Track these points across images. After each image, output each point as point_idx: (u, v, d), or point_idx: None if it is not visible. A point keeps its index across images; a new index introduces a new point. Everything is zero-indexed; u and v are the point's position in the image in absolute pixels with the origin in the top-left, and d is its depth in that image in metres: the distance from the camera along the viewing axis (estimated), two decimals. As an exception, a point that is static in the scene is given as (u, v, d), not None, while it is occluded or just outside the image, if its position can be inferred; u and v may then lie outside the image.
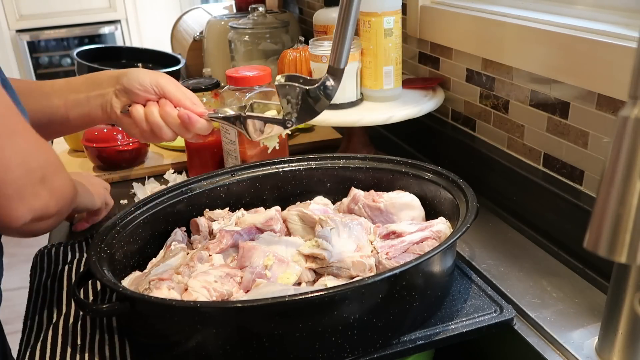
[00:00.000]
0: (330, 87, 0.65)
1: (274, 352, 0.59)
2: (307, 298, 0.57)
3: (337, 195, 0.89)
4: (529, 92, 0.88)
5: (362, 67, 1.04)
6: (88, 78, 0.80)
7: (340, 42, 0.63)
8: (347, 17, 0.62)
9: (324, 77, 0.65)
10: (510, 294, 0.73)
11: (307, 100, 0.66)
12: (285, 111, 0.67)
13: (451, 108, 1.09)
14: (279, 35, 1.47)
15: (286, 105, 0.67)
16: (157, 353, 0.65)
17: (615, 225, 0.44)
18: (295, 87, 0.65)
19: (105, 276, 0.63)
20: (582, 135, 0.78)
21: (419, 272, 0.64)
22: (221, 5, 2.19)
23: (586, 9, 0.81)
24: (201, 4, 2.97)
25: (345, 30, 0.62)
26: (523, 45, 0.84)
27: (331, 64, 0.64)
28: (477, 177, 0.91)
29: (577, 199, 0.78)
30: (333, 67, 0.64)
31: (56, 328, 0.71)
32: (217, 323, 0.60)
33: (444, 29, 1.04)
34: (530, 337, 0.67)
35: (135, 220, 0.77)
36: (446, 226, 0.75)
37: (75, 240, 0.91)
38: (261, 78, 0.99)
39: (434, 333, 0.65)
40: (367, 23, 1.00)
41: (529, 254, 0.82)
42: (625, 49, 0.67)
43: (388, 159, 0.87)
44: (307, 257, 0.72)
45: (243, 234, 0.77)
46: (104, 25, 3.73)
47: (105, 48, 1.96)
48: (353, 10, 0.62)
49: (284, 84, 0.65)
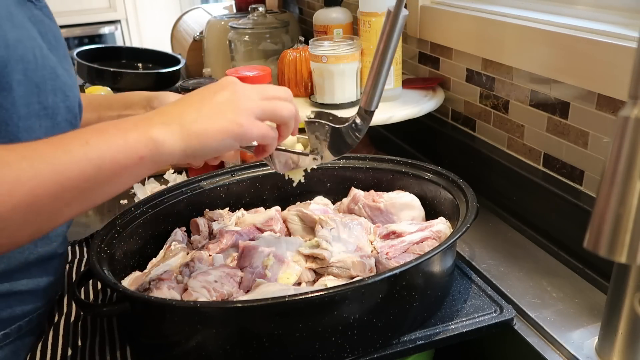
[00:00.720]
0: (359, 126, 0.65)
1: (274, 352, 0.59)
2: (307, 298, 0.57)
3: (337, 195, 0.89)
4: (529, 92, 0.88)
5: (362, 67, 1.04)
6: (123, 97, 0.83)
7: (373, 85, 0.63)
8: (382, 62, 0.61)
9: (354, 116, 0.65)
10: (510, 294, 0.73)
11: (335, 137, 0.66)
12: (313, 146, 0.67)
13: (451, 108, 1.09)
14: (279, 35, 1.47)
15: (314, 140, 0.67)
16: (157, 353, 0.65)
17: (615, 225, 0.44)
18: (325, 125, 0.65)
19: (105, 276, 0.63)
20: (582, 135, 0.78)
21: (419, 272, 0.64)
22: (221, 5, 2.19)
23: (586, 9, 0.81)
24: (201, 4, 2.96)
25: (379, 75, 0.62)
26: (523, 45, 0.84)
27: (362, 105, 0.64)
28: (477, 177, 0.91)
29: (577, 199, 0.78)
30: (363, 109, 0.64)
31: (57, 328, 0.71)
32: (217, 323, 0.60)
33: (444, 29, 1.04)
34: (530, 337, 0.67)
35: (135, 220, 0.77)
36: (446, 226, 0.75)
37: (75, 240, 0.91)
38: (261, 78, 0.99)
39: (434, 333, 0.65)
40: (367, 23, 1.00)
41: (529, 254, 0.82)
42: (625, 49, 0.67)
43: (388, 159, 0.87)
44: (307, 257, 0.72)
45: (243, 234, 0.77)
46: (104, 25, 3.73)
47: (105, 48, 1.96)
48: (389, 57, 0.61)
49: (313, 120, 0.65)
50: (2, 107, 0.58)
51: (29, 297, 0.67)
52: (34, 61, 0.60)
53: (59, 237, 0.71)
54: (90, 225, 1.00)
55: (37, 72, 0.61)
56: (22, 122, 0.60)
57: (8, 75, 0.57)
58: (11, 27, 0.58)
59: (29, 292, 0.67)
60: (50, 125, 0.64)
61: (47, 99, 0.63)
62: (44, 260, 0.68)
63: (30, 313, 0.67)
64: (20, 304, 0.66)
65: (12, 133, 0.59)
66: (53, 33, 0.68)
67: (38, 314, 0.69)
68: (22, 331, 0.67)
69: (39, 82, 0.61)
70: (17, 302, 0.66)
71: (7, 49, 0.57)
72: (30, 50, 0.60)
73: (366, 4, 0.99)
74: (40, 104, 0.62)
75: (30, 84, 0.60)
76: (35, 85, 0.61)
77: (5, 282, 0.64)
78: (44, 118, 0.63)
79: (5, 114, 0.58)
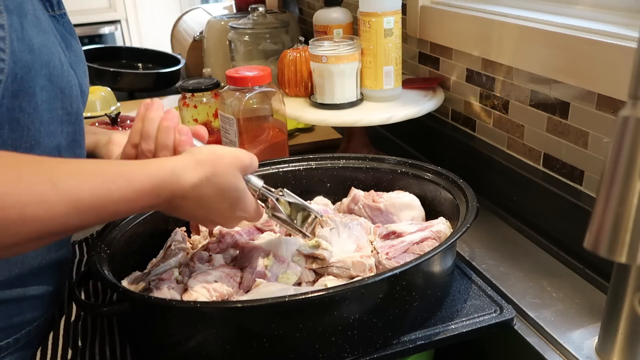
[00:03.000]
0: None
1: (274, 352, 0.59)
2: (307, 298, 0.57)
3: (337, 195, 0.89)
4: (529, 92, 0.88)
5: (362, 67, 1.04)
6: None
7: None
8: None
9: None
10: (510, 294, 0.73)
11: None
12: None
13: (451, 108, 1.09)
14: (279, 35, 1.47)
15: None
16: (157, 353, 0.65)
17: (615, 225, 0.44)
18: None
19: (105, 276, 0.63)
20: (582, 135, 0.78)
21: (419, 272, 0.64)
22: (221, 5, 2.19)
23: (586, 9, 0.81)
24: (201, 4, 2.96)
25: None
26: (523, 45, 0.84)
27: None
28: (477, 177, 0.91)
29: (577, 199, 0.78)
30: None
31: (57, 328, 0.71)
32: (217, 323, 0.60)
33: (444, 29, 1.04)
34: (530, 337, 0.67)
35: (135, 220, 0.77)
36: (446, 226, 0.75)
37: (76, 241, 0.91)
38: (261, 78, 0.99)
39: (434, 333, 0.65)
40: (367, 23, 1.00)
41: (529, 254, 0.82)
42: (625, 49, 0.67)
43: (388, 159, 0.87)
44: (307, 257, 0.72)
45: (243, 234, 0.77)
46: (104, 25, 3.72)
47: (105, 48, 1.96)
48: None
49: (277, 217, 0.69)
50: (24, 112, 0.57)
51: (39, 302, 0.67)
52: (59, 66, 0.60)
53: (68, 243, 0.72)
54: (90, 225, 1.00)
55: (63, 78, 0.61)
56: (44, 127, 0.60)
57: (32, 80, 0.57)
58: (37, 33, 0.58)
59: (40, 296, 0.66)
60: (72, 130, 0.64)
61: (71, 105, 0.63)
62: (55, 265, 0.68)
63: (39, 318, 0.67)
64: (31, 309, 0.66)
65: (34, 137, 0.59)
66: (75, 50, 0.68)
67: (45, 319, 0.69)
68: (30, 336, 0.67)
69: (64, 87, 0.61)
70: (28, 308, 0.65)
71: (31, 53, 0.56)
72: (56, 55, 0.60)
73: (366, 4, 0.99)
74: (64, 109, 0.62)
75: (55, 89, 0.60)
76: (60, 90, 0.61)
77: (19, 288, 0.64)
78: (66, 124, 0.63)
79: (28, 118, 0.58)
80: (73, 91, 0.63)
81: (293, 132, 1.30)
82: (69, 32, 0.68)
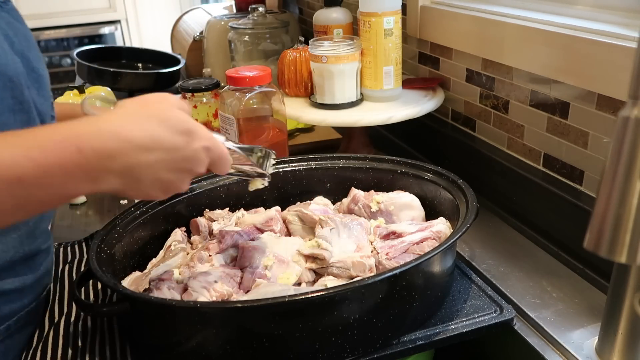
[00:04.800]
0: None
1: (274, 352, 0.59)
2: (307, 298, 0.57)
3: (337, 196, 0.89)
4: (529, 92, 0.88)
5: (362, 67, 1.04)
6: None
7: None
8: None
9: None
10: (510, 294, 0.73)
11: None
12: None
13: (451, 108, 1.09)
14: (279, 35, 1.47)
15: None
16: (157, 353, 0.65)
17: (615, 225, 0.44)
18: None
19: (105, 276, 0.63)
20: (582, 135, 0.78)
21: (419, 272, 0.64)
22: (221, 5, 2.19)
23: (586, 9, 0.81)
24: (201, 4, 2.96)
25: None
26: (523, 45, 0.84)
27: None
28: (477, 177, 0.91)
29: (577, 199, 0.78)
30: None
31: (57, 328, 0.71)
32: (217, 323, 0.60)
33: (444, 29, 1.04)
34: (530, 337, 0.67)
35: (135, 220, 0.77)
36: (446, 226, 0.75)
37: (75, 241, 0.91)
38: (261, 78, 0.99)
39: (434, 333, 0.65)
40: (367, 23, 1.00)
41: (529, 254, 0.82)
42: (625, 49, 0.67)
43: (388, 159, 0.87)
44: (307, 257, 0.72)
45: (243, 234, 0.77)
46: (104, 26, 3.72)
47: (105, 48, 1.96)
48: None
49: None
50: None
51: (16, 296, 0.67)
52: (3, 55, 0.59)
53: (43, 233, 0.71)
54: (90, 225, 1.00)
55: (9, 66, 0.60)
56: None
57: None
58: None
59: (15, 290, 0.66)
60: (27, 119, 0.63)
61: (22, 94, 0.62)
62: (29, 258, 0.68)
63: (18, 312, 0.67)
64: (7, 304, 0.66)
65: None
66: (24, 35, 0.67)
67: (26, 312, 0.69)
68: (10, 330, 0.67)
69: (12, 75, 0.60)
70: (4, 302, 0.65)
71: None
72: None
73: (366, 4, 0.99)
74: (15, 98, 0.61)
75: (3, 78, 0.59)
76: (9, 79, 0.60)
77: None
78: (19, 112, 0.62)
79: None
80: (21, 79, 0.62)
81: (293, 132, 1.30)
82: (15, 18, 0.67)
